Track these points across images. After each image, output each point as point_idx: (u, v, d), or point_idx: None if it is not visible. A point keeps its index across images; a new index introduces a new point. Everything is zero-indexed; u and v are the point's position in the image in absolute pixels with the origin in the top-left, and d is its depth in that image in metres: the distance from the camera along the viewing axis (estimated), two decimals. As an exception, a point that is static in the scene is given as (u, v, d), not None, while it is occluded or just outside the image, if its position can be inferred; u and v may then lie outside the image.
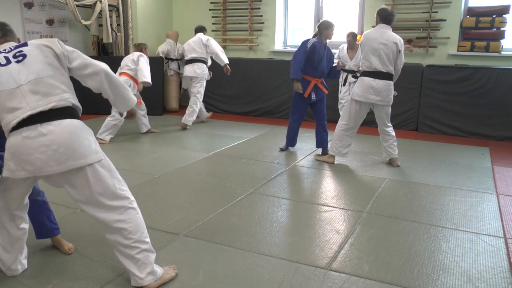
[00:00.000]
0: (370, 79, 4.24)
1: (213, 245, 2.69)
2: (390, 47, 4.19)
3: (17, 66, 2.02)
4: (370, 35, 4.25)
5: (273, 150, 5.06)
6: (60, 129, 1.98)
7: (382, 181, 4.01)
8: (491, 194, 3.71)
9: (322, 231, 2.94)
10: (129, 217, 2.12)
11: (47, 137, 1.95)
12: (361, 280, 2.31)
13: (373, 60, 4.21)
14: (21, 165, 1.97)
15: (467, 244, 2.77)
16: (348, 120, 4.42)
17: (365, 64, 4.27)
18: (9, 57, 2.05)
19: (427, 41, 6.28)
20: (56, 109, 2.00)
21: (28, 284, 2.24)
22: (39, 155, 1.94)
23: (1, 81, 1.99)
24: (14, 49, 2.09)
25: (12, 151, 1.97)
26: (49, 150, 1.95)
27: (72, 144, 1.99)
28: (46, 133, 1.95)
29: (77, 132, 2.04)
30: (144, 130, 5.89)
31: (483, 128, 5.87)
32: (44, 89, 2.01)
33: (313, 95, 4.77)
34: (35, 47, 2.09)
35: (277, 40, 7.42)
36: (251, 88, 7.20)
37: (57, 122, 1.98)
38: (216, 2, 7.66)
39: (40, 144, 1.94)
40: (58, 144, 1.96)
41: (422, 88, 6.18)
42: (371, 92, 4.24)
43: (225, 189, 3.74)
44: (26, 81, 1.99)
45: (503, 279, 2.35)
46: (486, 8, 5.94)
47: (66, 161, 1.97)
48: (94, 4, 6.96)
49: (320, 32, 4.67)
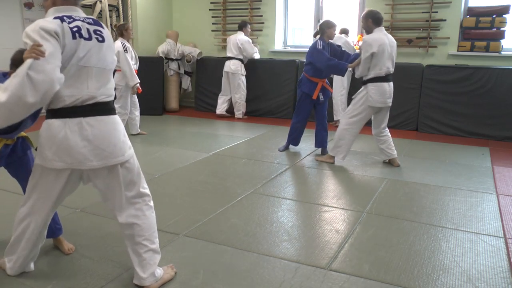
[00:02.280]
0: (385, 83, 4.23)
1: (213, 245, 2.69)
2: (395, 49, 4.27)
3: (97, 46, 1.98)
4: (382, 41, 4.12)
5: (273, 150, 5.06)
6: (104, 125, 1.99)
7: (382, 181, 4.01)
8: (491, 194, 3.71)
9: (322, 231, 2.94)
10: (145, 214, 2.17)
11: (91, 132, 1.95)
12: (361, 280, 2.31)
13: (389, 64, 4.21)
14: (59, 155, 1.94)
15: (467, 244, 2.77)
16: (356, 124, 4.37)
17: (383, 69, 4.17)
18: (91, 31, 1.97)
19: (427, 41, 6.28)
20: (103, 103, 2.01)
21: (28, 284, 2.24)
22: (81, 149, 1.94)
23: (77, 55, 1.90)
24: (93, 23, 2.02)
25: (52, 140, 1.94)
26: (91, 145, 1.95)
27: (114, 140, 2.02)
28: (90, 127, 1.95)
29: (118, 128, 2.07)
30: (135, 132, 5.77)
31: (483, 128, 5.87)
32: (104, 80, 2.02)
33: (321, 96, 4.77)
34: (109, 36, 2.07)
35: (277, 40, 7.43)
36: (251, 88, 7.20)
37: (102, 118, 1.99)
38: (216, 2, 7.66)
39: (83, 138, 1.94)
40: (100, 139, 1.97)
41: (422, 88, 6.18)
42: (388, 96, 4.26)
43: (225, 189, 3.74)
44: (98, 65, 1.98)
45: (503, 279, 2.35)
46: (486, 8, 5.95)
47: (106, 157, 2.00)
48: (94, 4, 6.96)
49: (322, 32, 4.68)
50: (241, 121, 6.92)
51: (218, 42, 7.80)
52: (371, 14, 4.23)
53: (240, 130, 6.17)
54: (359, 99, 4.34)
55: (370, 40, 4.13)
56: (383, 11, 6.38)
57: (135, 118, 5.72)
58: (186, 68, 7.74)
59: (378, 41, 4.11)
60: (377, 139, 4.48)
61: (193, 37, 7.96)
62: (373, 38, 4.14)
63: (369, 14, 4.24)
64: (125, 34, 5.49)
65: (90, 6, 6.99)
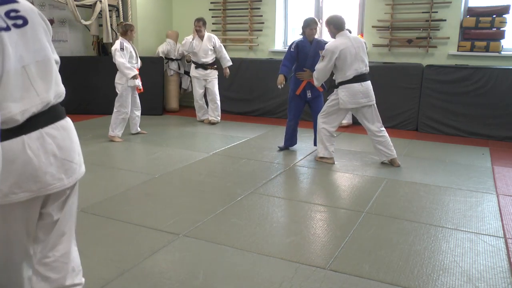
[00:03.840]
0: (356, 84, 4.28)
1: (213, 245, 2.69)
2: (362, 48, 4.35)
3: (17, 34, 1.39)
4: (345, 45, 4.22)
5: (273, 150, 5.06)
6: (64, 132, 1.55)
7: (382, 181, 4.01)
8: (491, 194, 3.71)
9: (322, 231, 2.94)
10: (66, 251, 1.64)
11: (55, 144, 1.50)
12: (361, 280, 2.31)
13: (358, 65, 4.27)
14: (20, 185, 1.44)
15: (467, 244, 2.77)
16: (334, 123, 4.48)
17: (349, 73, 4.26)
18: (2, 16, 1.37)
19: (427, 41, 6.28)
20: (56, 105, 1.54)
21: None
22: (48, 168, 1.48)
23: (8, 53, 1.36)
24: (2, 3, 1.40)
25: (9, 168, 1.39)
26: (58, 160, 1.51)
27: (78, 148, 1.63)
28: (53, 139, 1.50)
29: (75, 133, 1.64)
30: (134, 132, 5.78)
31: (483, 128, 5.86)
32: (49, 75, 1.50)
33: (309, 93, 4.83)
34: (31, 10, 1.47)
35: (277, 40, 7.42)
36: (251, 88, 7.19)
37: (60, 124, 1.54)
38: (216, 2, 7.66)
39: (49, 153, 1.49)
40: (66, 151, 1.55)
41: (422, 88, 6.17)
42: (361, 96, 4.30)
43: (225, 189, 3.74)
44: (33, 59, 1.44)
45: (503, 279, 2.36)
46: (486, 8, 5.94)
47: (75, 170, 1.58)
48: (94, 4, 6.96)
49: (303, 31, 4.80)
50: (241, 121, 6.92)
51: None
52: (333, 20, 4.35)
53: (240, 130, 6.17)
54: (331, 100, 4.48)
55: (332, 47, 4.25)
56: (383, 11, 6.41)
57: (135, 117, 5.73)
58: (186, 68, 7.73)
59: (341, 46, 4.23)
60: (374, 140, 4.44)
61: (193, 37, 7.94)
62: (334, 45, 4.25)
63: (330, 20, 4.37)
64: (129, 34, 5.51)
65: (90, 6, 6.99)
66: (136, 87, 5.52)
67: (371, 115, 4.38)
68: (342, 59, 4.23)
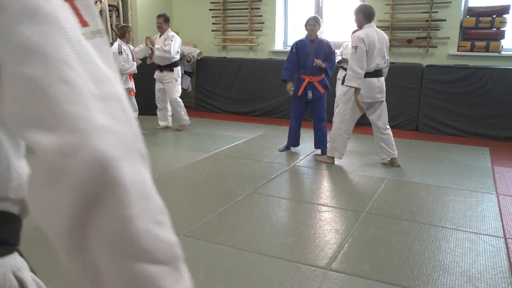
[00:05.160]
0: (374, 79, 4.26)
1: (213, 245, 2.69)
2: (386, 44, 4.31)
3: None
4: (372, 37, 4.15)
5: (273, 150, 5.06)
6: None
7: (382, 181, 4.01)
8: (491, 194, 3.71)
9: (322, 231, 2.94)
10: None
11: None
12: (361, 280, 2.31)
13: (378, 60, 4.23)
14: None
15: (467, 244, 2.77)
16: (349, 122, 4.40)
17: (372, 66, 4.21)
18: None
19: (427, 41, 6.28)
20: None
21: (28, 284, 2.24)
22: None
23: None
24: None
25: None
26: None
27: None
28: None
29: None
30: None
31: (483, 128, 5.86)
32: None
33: (310, 93, 4.81)
34: None
35: (277, 40, 7.42)
36: (251, 88, 7.19)
37: None
38: (216, 2, 7.65)
39: None
40: None
41: (422, 88, 6.17)
42: (377, 91, 4.28)
43: (225, 189, 3.73)
44: None
45: (503, 279, 2.35)
46: (486, 8, 5.94)
47: None
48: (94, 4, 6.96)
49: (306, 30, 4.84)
50: (241, 121, 6.92)
51: (218, 42, 7.80)
52: (363, 9, 4.26)
53: (240, 130, 6.17)
54: (349, 96, 4.38)
55: (362, 34, 4.15)
56: (383, 11, 6.40)
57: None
58: (186, 68, 7.74)
59: (369, 37, 4.15)
60: (378, 136, 4.44)
61: (193, 37, 7.96)
62: (365, 33, 4.17)
63: (361, 8, 4.28)
64: (127, 36, 5.54)
65: (90, 6, 6.99)
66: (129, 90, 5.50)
67: (380, 111, 4.37)
68: (369, 51, 4.15)
